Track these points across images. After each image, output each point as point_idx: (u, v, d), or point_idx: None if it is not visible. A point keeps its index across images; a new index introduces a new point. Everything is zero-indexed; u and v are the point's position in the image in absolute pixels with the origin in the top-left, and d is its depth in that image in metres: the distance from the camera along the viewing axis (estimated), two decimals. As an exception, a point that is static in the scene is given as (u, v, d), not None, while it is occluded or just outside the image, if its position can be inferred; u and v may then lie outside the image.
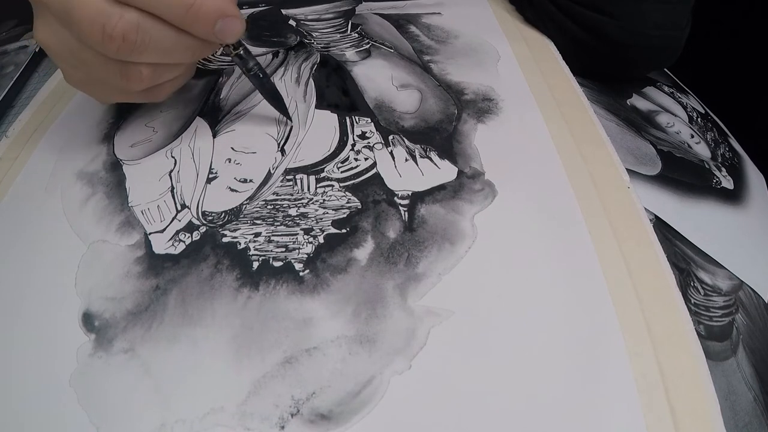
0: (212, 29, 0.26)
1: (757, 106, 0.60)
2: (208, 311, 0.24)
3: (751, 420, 0.24)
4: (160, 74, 0.28)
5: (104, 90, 0.30)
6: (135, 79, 0.27)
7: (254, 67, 0.31)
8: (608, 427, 0.21)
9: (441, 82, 0.36)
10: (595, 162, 0.30)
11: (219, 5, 0.26)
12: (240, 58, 0.30)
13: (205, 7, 0.26)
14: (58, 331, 0.25)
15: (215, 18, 0.26)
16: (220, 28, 0.26)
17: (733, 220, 0.33)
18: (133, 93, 0.29)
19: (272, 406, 0.22)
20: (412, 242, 0.27)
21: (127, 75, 0.27)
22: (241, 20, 0.27)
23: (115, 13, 0.25)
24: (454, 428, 0.21)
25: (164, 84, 0.30)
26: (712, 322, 0.27)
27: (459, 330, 0.24)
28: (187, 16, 0.26)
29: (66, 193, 0.30)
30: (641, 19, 0.36)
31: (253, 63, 0.31)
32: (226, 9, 0.26)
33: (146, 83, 0.28)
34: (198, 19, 0.26)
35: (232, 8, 0.27)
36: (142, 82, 0.28)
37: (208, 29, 0.26)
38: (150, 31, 0.26)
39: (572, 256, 0.26)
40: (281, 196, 0.29)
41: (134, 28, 0.25)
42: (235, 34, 0.27)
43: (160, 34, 0.26)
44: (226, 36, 0.27)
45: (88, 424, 0.22)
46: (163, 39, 0.26)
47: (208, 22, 0.26)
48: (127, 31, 0.25)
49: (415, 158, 0.31)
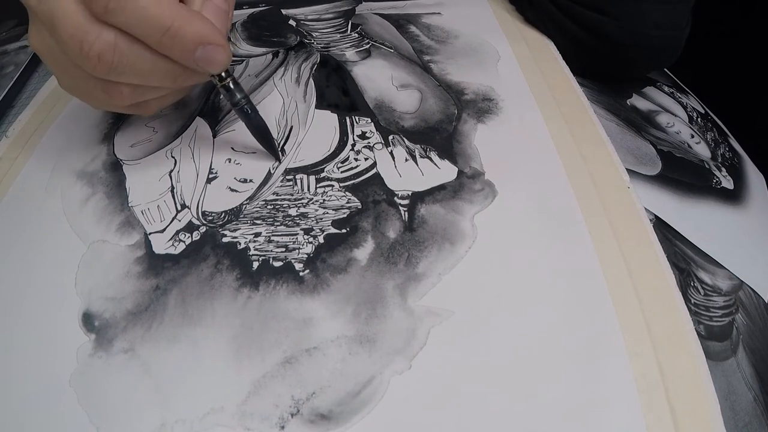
0: (192, 56, 0.25)
1: (757, 106, 0.60)
2: (208, 311, 0.24)
3: (751, 420, 0.24)
4: (142, 93, 0.27)
5: (92, 100, 0.29)
6: (116, 96, 0.26)
7: (242, 100, 0.29)
8: (608, 427, 0.21)
9: (441, 82, 0.36)
10: (595, 162, 0.30)
11: (199, 31, 0.24)
12: (227, 90, 0.28)
13: (182, 31, 0.24)
14: (58, 331, 0.25)
15: (194, 44, 0.25)
16: (200, 56, 0.25)
17: (733, 220, 0.33)
18: (118, 107, 0.29)
19: (272, 406, 0.22)
20: (412, 242, 0.27)
21: (108, 91, 0.26)
22: (225, 49, 0.25)
23: (93, 31, 0.24)
24: (454, 428, 0.21)
25: (150, 101, 0.29)
26: (712, 322, 0.27)
27: (459, 330, 0.24)
28: (164, 39, 0.24)
29: (66, 193, 0.30)
30: (641, 19, 0.36)
31: (240, 96, 0.29)
32: (208, 36, 0.25)
33: (127, 101, 0.27)
34: (175, 43, 0.24)
35: (216, 36, 0.25)
36: (123, 99, 0.27)
37: (187, 56, 0.25)
38: (127, 52, 0.24)
39: (572, 256, 0.26)
40: (281, 196, 0.29)
41: (110, 48, 0.24)
42: (217, 63, 0.26)
43: (138, 56, 0.25)
44: (208, 65, 0.25)
45: (88, 424, 0.22)
46: (140, 61, 0.25)
47: (186, 48, 0.25)
48: (102, 52, 0.24)
49: (415, 158, 0.31)
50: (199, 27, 0.25)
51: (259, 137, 0.30)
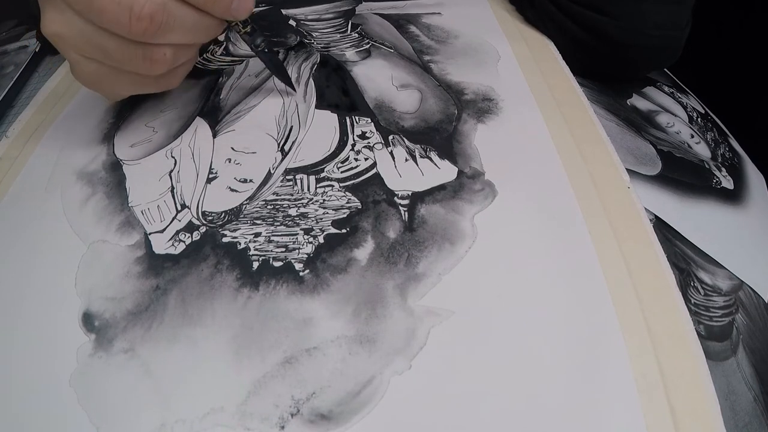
0: (229, 9, 0.29)
1: (757, 106, 0.60)
2: (208, 311, 0.24)
3: (751, 420, 0.24)
4: (180, 55, 0.30)
5: (118, 82, 0.30)
6: (158, 60, 0.29)
7: (261, 43, 0.33)
8: (608, 427, 0.21)
9: (441, 82, 0.36)
10: (595, 162, 0.30)
11: None
12: (249, 35, 0.32)
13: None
14: (58, 331, 0.25)
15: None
16: (235, 6, 0.29)
17: (733, 220, 0.33)
18: (150, 80, 0.30)
19: (272, 406, 0.22)
20: (412, 242, 0.27)
21: (151, 57, 0.28)
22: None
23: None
24: (454, 428, 0.21)
25: (178, 69, 0.31)
26: (712, 322, 0.27)
27: (459, 330, 0.24)
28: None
29: (66, 193, 0.30)
30: (641, 19, 0.36)
31: (260, 39, 0.33)
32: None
33: (168, 64, 0.29)
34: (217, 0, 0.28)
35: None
36: (165, 63, 0.29)
37: (225, 9, 0.29)
38: (174, 11, 0.27)
39: (572, 256, 0.26)
40: (281, 196, 0.29)
41: (161, 8, 0.27)
42: (247, 11, 0.30)
43: (184, 14, 0.28)
44: (240, 13, 0.30)
45: (88, 424, 0.22)
46: (185, 19, 0.28)
47: (227, 3, 0.29)
48: (154, 12, 0.26)
49: (415, 158, 0.31)
50: None
51: (278, 74, 0.35)
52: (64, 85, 0.39)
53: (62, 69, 0.41)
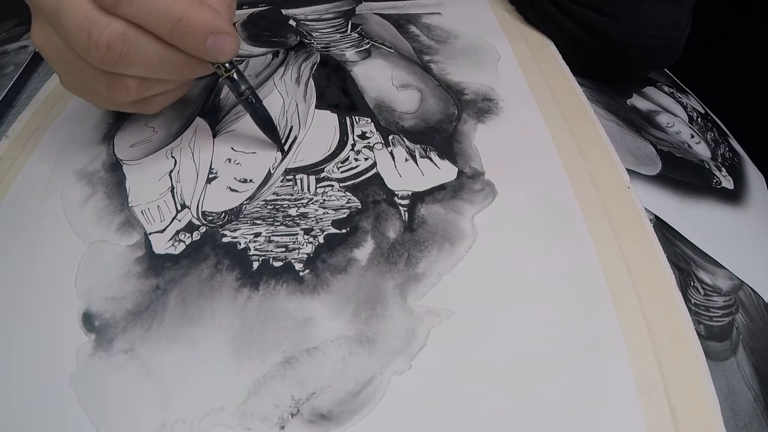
0: (202, 46, 0.25)
1: (757, 106, 0.60)
2: (208, 311, 0.24)
3: (751, 420, 0.24)
4: (148, 88, 0.28)
5: (94, 98, 0.29)
6: (121, 90, 0.27)
7: (246, 91, 0.29)
8: (608, 427, 0.21)
9: (441, 82, 0.36)
10: (595, 162, 0.30)
11: (210, 21, 0.25)
12: (231, 81, 0.29)
13: (194, 21, 0.25)
14: (58, 331, 0.25)
15: (205, 34, 0.25)
16: (211, 45, 0.25)
17: (733, 220, 0.33)
18: (122, 104, 0.29)
19: (272, 406, 0.22)
20: (412, 242, 0.27)
21: (114, 86, 0.26)
22: (234, 37, 0.26)
23: (101, 21, 0.24)
24: (454, 428, 0.21)
25: (154, 97, 0.29)
26: (712, 322, 0.27)
27: (459, 330, 0.24)
28: (175, 30, 0.25)
29: (66, 193, 0.30)
30: (641, 19, 0.36)
31: (245, 86, 0.29)
32: (217, 25, 0.25)
33: (133, 96, 0.27)
34: (186, 33, 0.25)
35: (225, 25, 0.26)
36: (129, 94, 0.27)
37: (198, 45, 0.25)
38: (136, 42, 0.25)
39: (572, 256, 0.26)
40: (281, 196, 0.29)
41: (120, 38, 0.24)
42: (227, 52, 0.26)
43: (147, 47, 0.25)
44: (218, 54, 0.26)
45: (88, 424, 0.22)
46: (149, 52, 0.25)
47: (197, 38, 0.25)
48: (112, 41, 0.24)
49: (415, 158, 0.31)
50: (209, 16, 0.25)
51: (264, 128, 0.31)
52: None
53: (62, 69, 0.41)
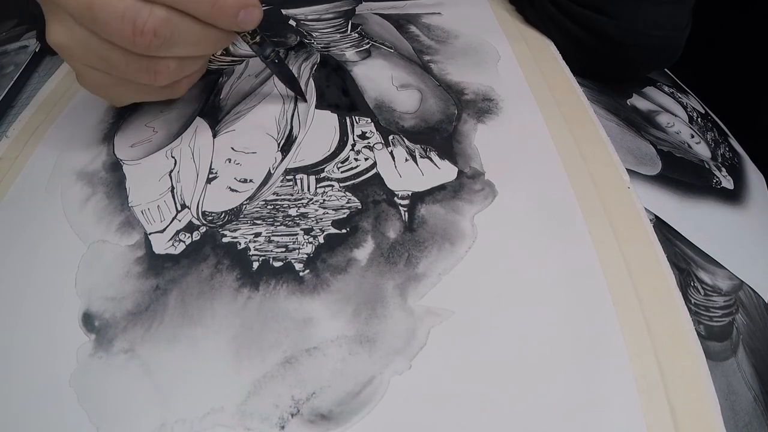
0: (236, 20, 0.28)
1: (757, 106, 0.60)
2: (208, 311, 0.24)
3: (751, 420, 0.24)
4: (185, 67, 0.30)
5: (123, 90, 0.30)
6: (163, 73, 0.28)
7: (271, 53, 0.32)
8: (608, 427, 0.21)
9: (441, 82, 0.36)
10: (595, 162, 0.30)
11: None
12: (258, 46, 0.32)
13: (229, 1, 0.27)
14: (58, 331, 0.25)
15: (238, 9, 0.28)
16: (242, 18, 0.28)
17: (733, 220, 0.33)
18: (154, 89, 0.30)
19: (272, 406, 0.22)
20: (412, 242, 0.27)
21: (156, 69, 0.28)
22: (259, 8, 0.29)
23: (144, 9, 0.26)
24: (454, 428, 0.21)
25: (183, 79, 0.31)
26: (712, 322, 0.27)
27: (459, 330, 0.24)
28: (212, 11, 0.27)
29: (66, 193, 0.30)
30: (641, 19, 0.36)
31: (270, 50, 0.32)
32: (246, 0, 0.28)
33: (173, 77, 0.29)
34: (222, 12, 0.27)
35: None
36: (170, 75, 0.29)
37: (231, 21, 0.28)
38: (179, 25, 0.27)
39: (572, 256, 0.26)
40: (281, 196, 0.29)
41: (164, 23, 0.26)
42: (255, 21, 0.29)
43: (188, 28, 0.27)
44: (247, 24, 0.29)
45: (88, 424, 0.22)
46: (190, 32, 0.27)
47: (231, 15, 0.28)
48: (158, 26, 0.26)
49: (415, 158, 0.31)
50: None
51: (289, 84, 0.34)
52: (64, 85, 0.39)
53: (62, 69, 0.41)
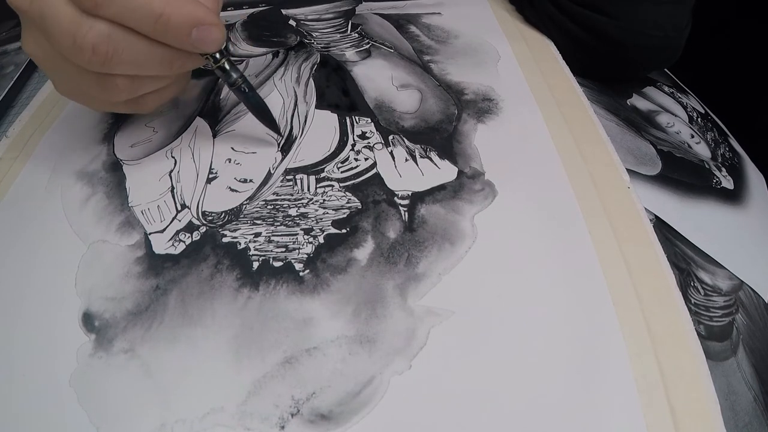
0: (187, 39, 0.25)
1: (757, 106, 0.60)
2: (208, 311, 0.24)
3: (751, 420, 0.24)
4: (139, 86, 0.27)
5: (89, 101, 0.29)
6: (112, 90, 0.26)
7: (238, 80, 0.29)
8: (608, 427, 0.21)
9: (441, 82, 0.36)
10: (595, 162, 0.30)
11: (192, 13, 0.25)
12: (222, 71, 0.28)
13: (175, 16, 0.24)
14: (58, 331, 0.25)
15: (189, 27, 0.25)
16: (196, 37, 0.25)
17: (733, 220, 0.33)
18: (116, 104, 0.29)
19: (272, 406, 0.22)
20: (412, 242, 0.27)
21: (104, 86, 0.26)
22: (219, 28, 0.26)
23: (85, 23, 0.24)
24: (454, 428, 0.21)
25: (148, 96, 0.29)
26: (712, 322, 0.27)
27: (459, 330, 0.24)
28: (156, 26, 0.24)
29: (66, 193, 0.30)
30: (641, 19, 0.36)
31: (237, 76, 0.29)
32: (200, 17, 0.25)
33: (125, 95, 0.27)
34: (169, 28, 0.25)
35: (209, 16, 0.25)
36: (120, 93, 0.27)
37: (182, 39, 0.25)
38: (121, 42, 0.24)
39: (572, 256, 0.26)
40: (281, 196, 0.29)
41: (104, 39, 0.24)
42: (213, 43, 0.26)
43: (132, 45, 0.25)
44: (204, 46, 0.26)
45: (88, 424, 0.22)
46: (135, 50, 0.25)
47: (181, 32, 0.25)
48: (97, 42, 0.24)
49: (415, 158, 0.31)
50: (191, 9, 0.25)
51: (259, 116, 0.30)
52: (64, 85, 0.39)
53: (62, 69, 0.41)
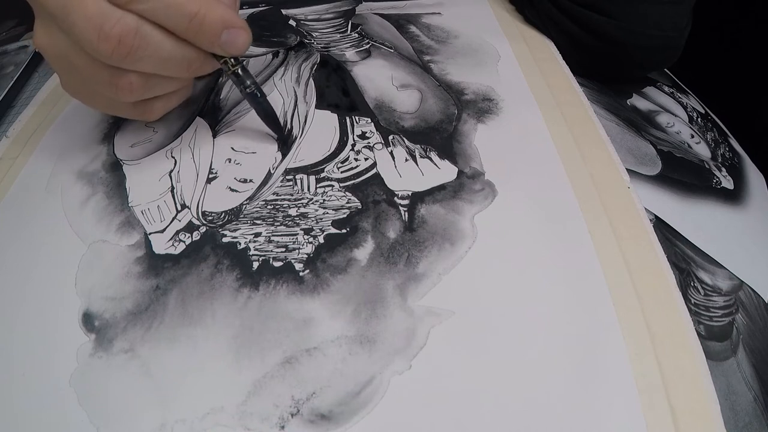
0: (218, 40, 0.25)
1: (757, 106, 0.60)
2: (208, 311, 0.24)
3: (751, 420, 0.24)
4: (151, 87, 0.27)
5: (95, 101, 0.29)
6: (124, 88, 0.26)
7: (251, 85, 0.29)
8: (608, 427, 0.21)
9: (441, 82, 0.36)
10: (595, 162, 0.30)
11: (224, 16, 0.25)
12: (237, 76, 0.29)
13: (210, 17, 0.25)
14: (58, 331, 0.25)
15: (220, 29, 0.25)
16: (225, 39, 0.26)
17: (733, 220, 0.33)
18: (122, 106, 0.28)
19: (272, 406, 0.22)
20: (412, 242, 0.27)
21: (117, 83, 0.26)
22: (247, 31, 0.26)
23: (114, 14, 0.24)
24: (454, 428, 0.21)
25: (155, 101, 0.29)
26: (712, 322, 0.27)
27: (459, 330, 0.24)
28: (190, 25, 0.25)
29: (66, 193, 0.30)
30: (641, 19, 0.36)
31: (250, 81, 0.29)
32: (231, 20, 0.25)
33: (136, 95, 0.27)
34: (202, 29, 0.25)
35: (238, 19, 0.26)
36: (132, 92, 0.27)
37: (213, 40, 0.25)
38: (148, 37, 0.25)
39: (572, 256, 0.26)
40: (281, 196, 0.29)
41: (132, 31, 0.24)
42: (241, 46, 0.26)
43: (159, 41, 0.25)
44: (232, 48, 0.26)
45: (88, 424, 0.22)
46: (160, 47, 0.25)
47: (213, 33, 0.25)
48: (124, 34, 0.24)
49: (415, 158, 0.31)
50: (223, 12, 0.25)
51: (269, 123, 0.31)
52: (64, 85, 0.39)
53: (62, 69, 0.41)
